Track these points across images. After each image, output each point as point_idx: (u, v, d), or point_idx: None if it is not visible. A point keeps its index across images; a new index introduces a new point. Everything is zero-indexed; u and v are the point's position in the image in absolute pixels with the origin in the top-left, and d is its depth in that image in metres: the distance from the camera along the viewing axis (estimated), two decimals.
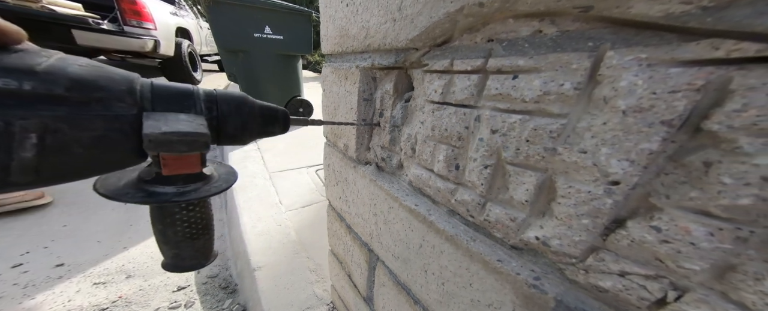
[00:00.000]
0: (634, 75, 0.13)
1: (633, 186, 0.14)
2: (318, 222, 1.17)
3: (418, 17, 0.27)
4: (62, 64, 0.14)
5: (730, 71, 0.10)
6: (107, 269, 0.95)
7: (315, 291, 0.86)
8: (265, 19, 2.21)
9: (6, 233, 1.06)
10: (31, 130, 0.13)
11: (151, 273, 0.97)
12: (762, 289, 0.11)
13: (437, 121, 0.28)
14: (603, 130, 0.15)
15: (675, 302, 0.14)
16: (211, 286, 0.97)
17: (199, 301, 0.91)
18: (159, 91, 0.18)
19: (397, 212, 0.36)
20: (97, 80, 0.15)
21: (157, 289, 0.91)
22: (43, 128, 0.14)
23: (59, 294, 0.85)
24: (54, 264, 0.94)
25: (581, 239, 0.17)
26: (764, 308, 0.11)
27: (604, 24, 0.15)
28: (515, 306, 0.23)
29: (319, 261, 0.97)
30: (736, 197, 0.11)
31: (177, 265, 0.25)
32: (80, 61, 0.15)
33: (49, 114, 0.14)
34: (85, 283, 0.89)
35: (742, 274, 0.11)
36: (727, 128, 0.11)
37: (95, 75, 0.15)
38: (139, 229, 1.18)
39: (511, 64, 0.20)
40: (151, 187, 0.20)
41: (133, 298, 0.86)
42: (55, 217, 1.17)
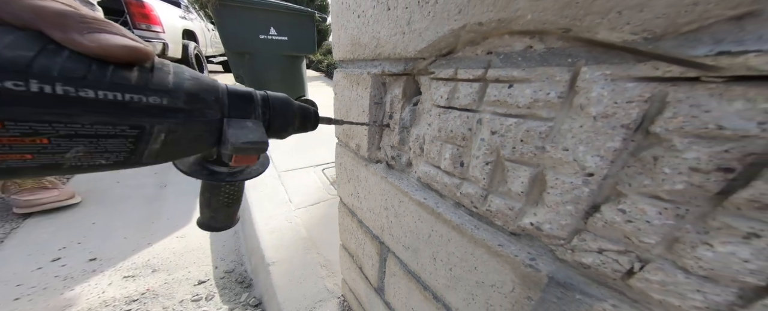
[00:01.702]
0: (601, 87, 0.17)
1: (604, 177, 0.18)
2: (326, 220, 1.22)
3: (425, 32, 0.30)
4: (179, 79, 0.19)
5: (666, 87, 0.14)
6: (134, 263, 1.02)
7: (326, 285, 0.91)
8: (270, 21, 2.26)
9: (43, 229, 1.15)
10: (161, 131, 0.19)
11: (173, 267, 1.03)
12: (696, 255, 0.14)
13: (443, 123, 0.31)
14: (580, 131, 0.18)
15: (640, 272, 0.18)
16: (228, 280, 1.03)
17: (218, 294, 0.97)
18: (233, 97, 0.23)
19: (407, 205, 0.40)
20: (200, 93, 0.20)
21: (180, 283, 0.98)
22: (168, 129, 0.19)
23: (94, 286, 0.92)
24: (87, 258, 1.02)
25: (567, 223, 0.21)
26: (699, 270, 0.15)
27: (581, 44, 0.18)
28: (514, 284, 0.27)
29: (329, 257, 1.02)
30: (673, 183, 0.14)
31: (210, 225, 0.32)
32: (187, 75, 0.20)
33: (173, 120, 0.19)
34: (116, 276, 0.96)
35: (683, 244, 0.15)
36: (665, 130, 0.14)
37: (198, 88, 0.20)
38: (160, 226, 1.25)
39: (507, 75, 0.24)
40: (211, 166, 0.26)
41: (159, 291, 0.93)
42: (84, 215, 1.25)
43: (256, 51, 2.23)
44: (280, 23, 2.27)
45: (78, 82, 0.15)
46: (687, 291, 0.15)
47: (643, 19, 0.14)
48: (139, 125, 0.17)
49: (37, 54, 0.14)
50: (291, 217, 1.23)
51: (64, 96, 0.14)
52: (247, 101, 0.24)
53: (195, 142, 0.21)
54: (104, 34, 0.16)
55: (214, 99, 0.22)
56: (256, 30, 2.17)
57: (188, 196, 1.48)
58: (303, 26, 2.41)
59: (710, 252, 0.14)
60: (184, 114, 0.19)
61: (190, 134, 0.20)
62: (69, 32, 0.15)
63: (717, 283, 0.14)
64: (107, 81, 0.16)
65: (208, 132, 0.22)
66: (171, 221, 1.27)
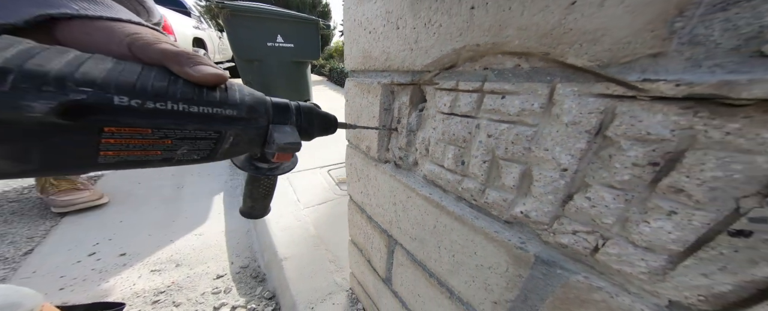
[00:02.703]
0: (571, 101, 0.21)
1: (575, 171, 0.22)
2: (333, 218, 1.26)
3: (430, 49, 0.35)
4: (242, 95, 0.24)
5: (615, 102, 0.18)
6: (160, 259, 1.08)
7: (335, 279, 0.95)
8: (277, 29, 2.33)
9: (77, 227, 1.23)
10: (231, 134, 0.24)
11: (194, 262, 1.09)
12: (639, 231, 0.19)
13: (446, 127, 0.36)
14: (557, 135, 0.23)
15: (603, 247, 0.22)
16: (243, 275, 1.08)
17: (235, 288, 1.02)
18: (275, 107, 0.28)
19: (414, 200, 0.44)
20: (255, 105, 0.25)
21: (201, 277, 1.03)
22: (235, 133, 0.24)
23: (126, 278, 0.98)
24: (118, 253, 1.09)
25: (549, 210, 0.25)
26: (642, 243, 0.19)
27: (556, 65, 0.23)
28: (508, 265, 0.31)
29: (337, 253, 1.06)
30: (622, 175, 0.18)
31: (250, 213, 0.37)
32: (246, 91, 0.25)
33: (238, 127, 0.24)
34: (144, 270, 1.02)
35: (631, 222, 0.19)
36: (615, 135, 0.18)
37: (254, 102, 0.25)
38: (179, 225, 1.31)
39: (500, 88, 0.28)
40: (256, 163, 0.31)
41: (183, 284, 0.98)
42: (112, 215, 1.33)
43: (264, 58, 2.30)
44: (287, 31, 2.33)
45: (190, 101, 0.20)
46: (635, 260, 0.19)
47: (596, 51, 0.18)
48: (219, 131, 0.23)
49: (168, 84, 0.19)
50: (300, 216, 1.28)
51: (182, 111, 0.20)
52: (285, 111, 0.29)
53: (250, 143, 0.27)
54: (202, 66, 0.21)
55: (264, 110, 0.27)
56: (265, 38, 2.24)
57: (203, 197, 1.54)
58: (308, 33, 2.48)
59: (648, 227, 0.18)
60: (245, 122, 0.24)
61: (247, 137, 0.25)
62: (182, 66, 0.20)
63: (654, 252, 0.18)
64: (204, 99, 0.21)
65: (259, 136, 0.27)
66: (189, 220, 1.33)
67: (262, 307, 0.96)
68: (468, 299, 0.39)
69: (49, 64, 0.15)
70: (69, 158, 0.17)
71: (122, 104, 0.17)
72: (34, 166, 0.16)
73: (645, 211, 0.18)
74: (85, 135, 0.17)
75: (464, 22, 0.30)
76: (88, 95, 0.16)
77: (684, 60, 0.15)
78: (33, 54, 0.15)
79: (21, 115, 0.14)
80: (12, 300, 0.46)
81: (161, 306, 0.92)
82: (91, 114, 0.16)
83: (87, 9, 0.21)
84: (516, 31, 0.24)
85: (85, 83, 0.16)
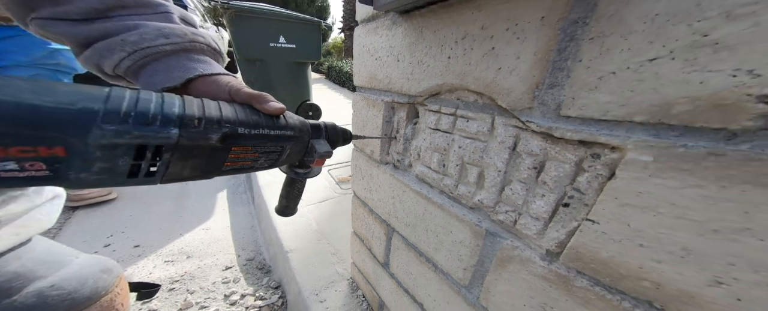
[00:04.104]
0: (502, 128, 0.37)
1: (504, 172, 0.38)
2: (334, 215, 1.41)
3: (422, 81, 0.51)
4: (293, 120, 0.39)
5: (520, 131, 0.34)
6: (171, 250, 1.23)
7: (337, 270, 1.10)
8: (279, 30, 2.48)
9: (90, 220, 1.37)
10: (288, 148, 0.38)
11: (203, 254, 1.24)
12: (532, 208, 0.34)
13: (433, 139, 0.51)
14: (495, 149, 0.38)
15: (519, 220, 0.37)
16: (250, 267, 1.23)
17: (243, 278, 1.16)
18: (312, 126, 0.43)
19: (408, 194, 0.60)
20: (301, 127, 0.40)
21: (211, 268, 1.18)
22: (290, 147, 0.38)
23: (142, 268, 1.13)
24: (132, 245, 1.23)
25: (492, 198, 0.41)
26: (533, 215, 0.34)
27: (495, 104, 0.39)
28: (471, 238, 0.47)
29: (338, 247, 1.22)
30: (523, 173, 0.34)
31: (284, 212, 0.51)
32: (294, 117, 0.40)
33: (292, 143, 0.38)
34: (158, 261, 1.17)
35: (529, 202, 0.35)
36: (520, 150, 0.34)
37: (300, 124, 0.40)
38: (187, 219, 1.46)
39: (466, 114, 0.44)
40: (296, 169, 0.45)
41: (195, 274, 1.13)
42: (122, 209, 1.47)
43: (266, 58, 2.45)
44: (289, 32, 2.49)
45: (269, 127, 0.35)
46: (531, 226, 0.35)
47: (509, 100, 0.34)
48: (283, 146, 0.37)
49: (257, 117, 0.34)
50: (303, 212, 1.43)
51: (266, 134, 0.34)
52: (318, 128, 0.44)
53: (298, 153, 0.41)
54: (272, 102, 0.36)
55: (306, 129, 0.42)
56: (267, 38, 2.39)
57: (208, 193, 1.69)
58: (310, 34, 2.63)
59: (534, 205, 0.34)
60: (297, 139, 0.39)
61: (297, 149, 0.40)
62: (261, 104, 0.35)
63: (538, 220, 0.34)
64: (275, 125, 0.36)
65: (303, 148, 0.41)
66: (196, 215, 1.48)
67: (269, 295, 1.11)
68: (448, 270, 0.55)
69: (212, 112, 0.30)
70: (214, 167, 0.32)
71: (243, 132, 0.32)
72: (199, 172, 0.31)
73: (534, 196, 0.34)
74: (225, 152, 0.31)
75: (444, 67, 0.45)
76: (230, 128, 0.30)
77: (539, 112, 0.31)
78: (201, 105, 0.30)
79: (207, 142, 0.28)
80: (107, 265, 0.61)
81: (177, 293, 1.07)
82: (230, 139, 0.31)
83: (205, 69, 0.37)
84: (473, 79, 0.40)
85: (228, 121, 0.30)
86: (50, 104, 0.18)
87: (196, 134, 0.26)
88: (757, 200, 0.17)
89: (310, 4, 6.50)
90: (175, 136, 0.24)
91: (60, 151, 0.19)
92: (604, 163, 0.26)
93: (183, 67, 0.36)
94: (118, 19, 0.34)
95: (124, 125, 0.21)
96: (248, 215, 1.57)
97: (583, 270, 0.30)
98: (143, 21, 0.35)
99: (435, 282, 0.59)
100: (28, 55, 1.29)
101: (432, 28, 0.45)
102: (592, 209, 0.27)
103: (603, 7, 0.24)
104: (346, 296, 0.99)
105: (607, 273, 0.28)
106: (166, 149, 0.24)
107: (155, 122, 0.22)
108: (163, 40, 0.35)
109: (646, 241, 0.23)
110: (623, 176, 0.24)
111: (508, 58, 0.34)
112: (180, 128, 0.24)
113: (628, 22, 0.22)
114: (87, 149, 0.20)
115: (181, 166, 0.27)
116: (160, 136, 0.23)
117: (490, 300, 0.46)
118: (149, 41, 0.34)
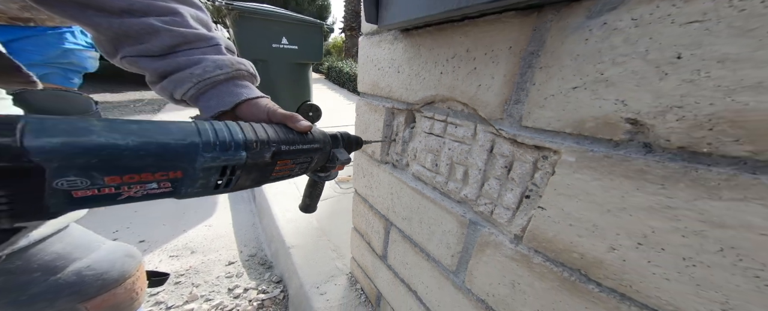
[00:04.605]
0: (482, 134, 0.46)
1: (484, 170, 0.47)
2: (334, 213, 1.50)
3: (418, 91, 0.60)
4: (319, 133, 0.46)
5: (494, 137, 0.43)
6: (176, 246, 1.31)
7: (336, 265, 1.19)
8: (282, 31, 2.58)
9: (95, 215, 1.45)
10: (315, 158, 0.45)
11: (207, 250, 1.32)
12: (504, 199, 0.43)
13: (427, 142, 0.61)
14: (477, 151, 0.48)
15: (494, 210, 0.47)
16: (252, 262, 1.31)
17: (246, 273, 1.25)
18: (332, 138, 0.51)
19: (405, 190, 0.69)
20: (324, 139, 0.48)
21: (214, 263, 1.26)
22: (317, 157, 0.46)
23: (148, 262, 1.21)
24: (138, 240, 1.31)
25: (475, 193, 0.50)
26: (505, 205, 0.43)
27: (476, 114, 0.48)
28: (457, 227, 0.56)
29: (337, 243, 1.30)
30: (498, 172, 0.43)
31: (307, 209, 0.59)
32: (319, 130, 0.48)
33: (319, 154, 0.46)
34: (163, 255, 1.25)
35: (503, 196, 0.44)
36: (496, 152, 0.43)
37: (324, 137, 0.48)
38: (190, 217, 1.54)
39: (454, 121, 0.53)
40: (318, 173, 0.53)
41: (199, 268, 1.21)
42: (126, 205, 1.55)
43: (268, 58, 2.55)
44: (292, 33, 2.59)
45: (302, 142, 0.42)
46: (503, 214, 0.44)
47: (486, 111, 0.44)
48: (312, 157, 0.44)
49: (294, 136, 0.42)
50: None
51: (301, 149, 0.42)
52: (337, 138, 0.52)
53: (322, 161, 0.48)
54: (302, 121, 0.45)
55: (328, 140, 0.49)
56: (270, 39, 2.49)
57: None
58: (311, 36, 2.74)
59: (506, 197, 0.43)
60: (322, 150, 0.46)
61: (322, 158, 0.47)
62: (294, 123, 0.44)
63: (508, 209, 0.43)
64: (306, 140, 0.43)
65: (326, 157, 0.48)
66: (198, 213, 1.56)
67: (271, 289, 1.19)
68: (438, 257, 0.64)
69: (263, 136, 0.38)
70: (264, 178, 0.40)
71: (285, 149, 0.40)
72: (255, 182, 0.39)
73: (506, 190, 0.43)
74: (272, 166, 0.39)
75: (437, 80, 0.55)
76: (277, 147, 0.38)
77: (507, 122, 0.40)
78: (254, 130, 0.38)
79: (262, 160, 0.37)
80: (130, 251, 0.70)
81: (183, 286, 1.15)
82: (277, 156, 0.39)
83: (248, 94, 0.45)
84: (460, 92, 0.50)
85: (275, 141, 0.38)
86: (173, 142, 0.26)
87: (256, 155, 0.34)
88: (628, 188, 0.26)
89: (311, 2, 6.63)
90: (244, 157, 0.32)
91: (179, 174, 0.27)
92: (550, 163, 0.35)
93: (232, 93, 0.45)
94: (184, 54, 0.43)
95: (214, 152, 0.29)
96: (249, 212, 1.65)
97: (538, 249, 0.39)
98: (203, 55, 0.44)
99: (428, 269, 0.68)
100: (43, 54, 1.38)
101: (428, 46, 0.55)
102: (542, 198, 0.37)
103: (548, 44, 0.34)
104: (346, 289, 1.07)
105: (552, 249, 0.37)
106: (238, 167, 0.32)
107: (232, 148, 0.30)
108: (218, 71, 0.44)
109: (572, 221, 0.32)
110: (559, 173, 0.33)
111: (486, 77, 0.43)
112: (246, 151, 0.32)
113: (562, 58, 0.32)
114: (195, 171, 0.28)
115: (244, 179, 0.35)
116: (236, 158, 0.31)
117: (473, 283, 0.55)
118: (209, 73, 0.43)
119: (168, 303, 1.04)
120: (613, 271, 0.30)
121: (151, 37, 0.42)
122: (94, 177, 0.23)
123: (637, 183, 0.26)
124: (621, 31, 0.26)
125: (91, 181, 0.23)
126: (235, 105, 0.45)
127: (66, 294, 0.59)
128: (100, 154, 0.22)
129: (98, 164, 0.23)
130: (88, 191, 0.23)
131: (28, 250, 0.55)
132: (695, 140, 0.22)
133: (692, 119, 0.22)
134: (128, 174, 0.24)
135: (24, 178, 0.20)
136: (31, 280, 0.55)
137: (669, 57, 0.23)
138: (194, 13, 0.47)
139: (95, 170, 0.23)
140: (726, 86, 0.20)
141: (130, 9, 0.41)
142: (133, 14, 0.41)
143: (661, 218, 0.25)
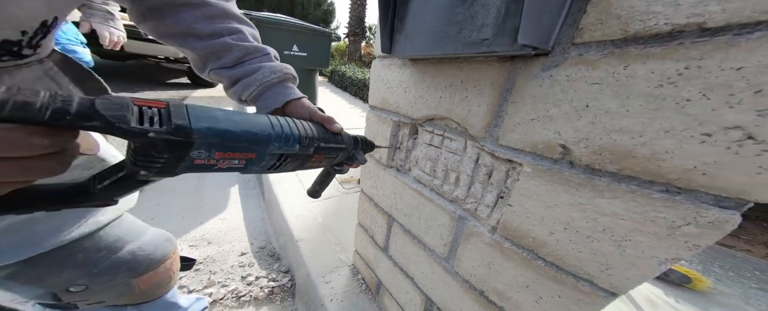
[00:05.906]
0: (470, 148, 0.59)
1: (471, 176, 0.60)
2: (338, 210, 1.62)
3: (421, 110, 0.73)
4: (345, 135, 0.58)
5: (479, 150, 0.56)
6: (194, 236, 1.42)
7: (340, 257, 1.31)
8: (293, 39, 2.73)
9: None
10: (340, 155, 0.58)
11: (221, 241, 1.43)
12: (485, 199, 0.56)
13: (428, 151, 0.74)
14: (466, 160, 0.61)
15: (478, 207, 0.60)
16: (262, 254, 1.43)
17: (257, 263, 1.36)
18: (353, 140, 0.64)
19: (407, 191, 0.82)
20: (350, 141, 0.60)
21: (228, 253, 1.37)
22: (341, 155, 0.59)
23: None
24: None
25: (464, 193, 0.63)
26: (485, 203, 0.56)
27: (466, 131, 0.62)
28: (449, 222, 0.69)
29: (341, 238, 1.42)
30: (481, 177, 0.56)
31: (314, 194, 0.71)
32: (346, 133, 0.61)
33: (343, 153, 0.58)
34: (184, 245, 1.36)
35: (484, 196, 0.57)
36: (480, 162, 0.56)
37: (349, 138, 0.60)
38: (205, 210, 1.65)
39: (450, 136, 0.67)
40: (335, 167, 0.66)
41: (215, 257, 1.32)
42: (149, 199, 1.66)
43: None
44: (302, 41, 2.74)
45: (334, 141, 0.54)
46: (484, 210, 0.57)
47: (474, 130, 0.57)
48: (338, 155, 0.57)
49: (330, 135, 0.55)
50: (309, 207, 1.63)
51: (334, 147, 0.54)
52: (356, 140, 0.65)
53: (343, 158, 0.60)
54: (336, 124, 0.57)
55: (352, 142, 0.62)
56: (282, 46, 2.63)
57: (222, 188, 1.89)
58: (320, 44, 2.88)
59: (487, 197, 0.56)
60: (346, 150, 0.58)
61: (344, 156, 0.59)
62: (330, 125, 0.56)
63: (488, 206, 0.56)
64: (337, 140, 0.55)
65: (346, 155, 0.61)
66: (213, 207, 1.68)
67: (280, 278, 1.30)
68: (433, 247, 0.76)
69: (310, 133, 0.50)
70: (300, 166, 0.52)
71: (323, 146, 0.52)
72: (295, 168, 0.51)
73: (487, 192, 0.56)
74: (309, 158, 0.52)
75: (437, 103, 0.68)
76: (318, 143, 0.50)
77: (489, 140, 0.53)
78: (305, 128, 0.51)
79: (306, 152, 0.49)
80: (168, 236, 0.82)
81: (202, 273, 1.26)
82: (316, 150, 0.51)
83: (294, 95, 0.58)
84: (455, 114, 0.63)
85: (317, 138, 0.50)
86: (260, 131, 0.36)
87: (304, 148, 0.44)
88: (560, 191, 0.39)
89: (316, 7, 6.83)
90: (297, 149, 0.42)
91: (253, 155, 0.37)
92: (517, 172, 0.49)
93: (282, 93, 0.57)
94: (248, 63, 0.56)
95: (280, 143, 0.39)
96: (258, 208, 1.76)
97: (507, 236, 0.52)
98: (262, 63, 0.57)
99: (424, 257, 0.80)
100: None
101: (431, 74, 0.69)
102: (511, 198, 0.50)
103: (518, 85, 0.47)
104: (348, 279, 1.19)
105: (516, 236, 0.50)
106: (289, 156, 0.43)
107: (291, 141, 0.42)
108: (273, 75, 0.57)
109: (529, 215, 0.45)
110: (522, 179, 0.46)
111: (474, 105, 0.57)
112: (299, 144, 0.43)
113: (525, 96, 0.45)
114: (265, 155, 0.38)
115: (289, 165, 0.45)
116: (291, 149, 0.41)
117: (460, 266, 0.67)
118: (267, 77, 0.56)
119: (190, 287, 1.15)
120: (552, 249, 0.43)
121: (226, 53, 0.55)
122: (212, 151, 0.29)
123: (565, 188, 0.39)
124: (559, 83, 0.40)
125: (209, 154, 0.29)
126: (285, 103, 0.57)
127: (124, 269, 0.71)
128: (223, 136, 0.30)
129: (218, 143, 0.29)
130: (204, 160, 0.29)
131: (97, 233, 0.67)
132: (593, 161, 0.35)
133: (592, 148, 0.35)
134: (229, 152, 0.33)
135: (182, 148, 0.27)
136: (100, 257, 0.67)
137: (582, 105, 0.36)
138: (249, 30, 0.60)
139: (214, 147, 0.29)
140: (608, 128, 0.33)
141: (212, 33, 0.53)
142: (214, 36, 0.54)
143: (576, 210, 0.38)
